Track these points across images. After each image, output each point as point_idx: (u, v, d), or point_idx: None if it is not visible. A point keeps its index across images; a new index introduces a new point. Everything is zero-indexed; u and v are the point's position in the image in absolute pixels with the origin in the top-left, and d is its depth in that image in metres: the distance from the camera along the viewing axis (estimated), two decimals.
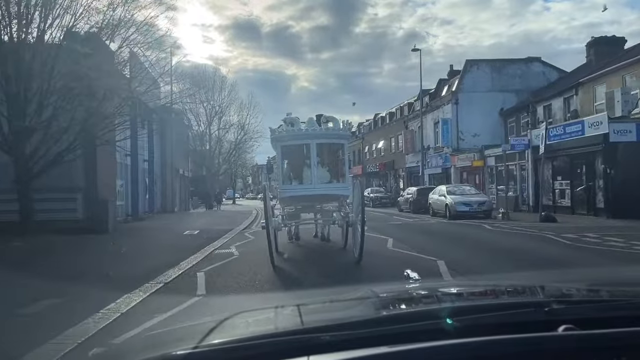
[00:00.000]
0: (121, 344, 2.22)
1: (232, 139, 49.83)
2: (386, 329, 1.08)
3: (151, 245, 12.75)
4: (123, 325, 4.81)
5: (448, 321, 1.09)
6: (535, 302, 1.35)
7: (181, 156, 36.22)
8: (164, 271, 8.17)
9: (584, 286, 1.75)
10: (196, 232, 16.40)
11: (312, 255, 11.03)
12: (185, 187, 38.58)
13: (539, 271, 7.11)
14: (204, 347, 1.07)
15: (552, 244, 11.66)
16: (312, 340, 1.03)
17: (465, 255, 10.26)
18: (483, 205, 20.05)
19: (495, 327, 1.04)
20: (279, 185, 10.59)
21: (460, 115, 31.12)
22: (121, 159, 20.93)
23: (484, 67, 31.82)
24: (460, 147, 31.16)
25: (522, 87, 30.71)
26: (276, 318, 1.45)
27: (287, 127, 10.12)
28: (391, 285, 2.23)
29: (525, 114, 27.47)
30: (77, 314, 5.18)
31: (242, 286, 7.22)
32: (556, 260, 9.06)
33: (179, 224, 20.66)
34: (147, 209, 25.72)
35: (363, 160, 52.84)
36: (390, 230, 15.50)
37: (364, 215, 8.84)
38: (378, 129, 49.43)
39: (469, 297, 1.73)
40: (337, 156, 10.77)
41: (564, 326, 1.01)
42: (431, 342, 0.95)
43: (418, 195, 25.57)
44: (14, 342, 4.50)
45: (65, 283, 6.79)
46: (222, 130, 48.40)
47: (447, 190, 21.34)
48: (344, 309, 1.58)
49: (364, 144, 52.78)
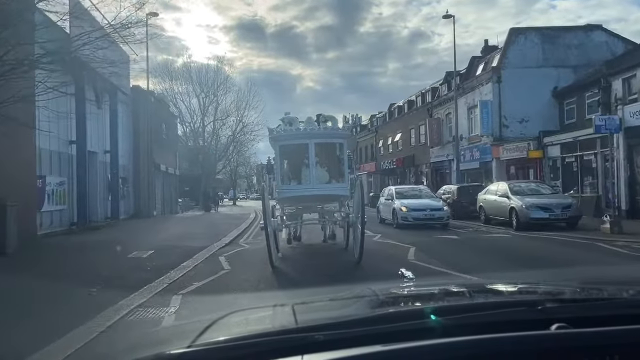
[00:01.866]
0: (116, 343, 2.10)
1: (229, 133, 43.99)
2: (380, 328, 1.08)
3: (34, 291, 6.94)
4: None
5: (442, 320, 1.09)
6: (528, 300, 1.38)
7: (166, 151, 30.51)
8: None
9: (576, 285, 1.75)
10: (147, 254, 10.65)
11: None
12: (172, 187, 32.89)
13: (533, 270, 6.92)
14: (198, 345, 1.06)
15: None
16: (306, 339, 1.02)
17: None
18: (568, 209, 14.11)
19: (489, 326, 1.03)
20: (277, 185, 10.32)
21: (504, 96, 25.16)
22: (58, 147, 15.17)
23: (533, 37, 25.79)
24: (503, 135, 25.23)
25: (581, 61, 24.75)
26: (270, 317, 1.46)
27: (285, 127, 9.95)
28: (386, 284, 2.10)
29: (592, 91, 21.43)
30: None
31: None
32: None
33: (138, 237, 14.90)
34: (109, 214, 19.98)
35: (377, 156, 46.94)
36: (448, 253, 9.76)
37: (363, 215, 8.87)
38: (394, 120, 43.46)
39: (463, 295, 1.70)
40: (336, 156, 10.34)
41: (557, 324, 1.02)
42: (425, 340, 0.96)
43: (459, 196, 19.66)
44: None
45: None
46: (218, 122, 42.61)
47: (511, 189, 15.37)
48: (339, 307, 1.57)
49: (378, 138, 46.86)
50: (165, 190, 30.66)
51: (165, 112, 31.24)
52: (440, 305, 1.42)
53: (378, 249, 11.02)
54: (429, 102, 35.35)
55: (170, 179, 32.04)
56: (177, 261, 9.53)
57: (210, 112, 41.72)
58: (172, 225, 20.02)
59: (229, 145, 44.03)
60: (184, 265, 9.19)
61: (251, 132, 44.21)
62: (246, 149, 53.71)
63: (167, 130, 31.12)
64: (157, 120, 28.38)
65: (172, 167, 31.88)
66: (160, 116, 29.27)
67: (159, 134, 28.74)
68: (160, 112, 29.48)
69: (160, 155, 28.57)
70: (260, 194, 13.16)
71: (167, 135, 31.22)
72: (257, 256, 10.04)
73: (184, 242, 13.19)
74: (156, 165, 27.08)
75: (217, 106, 41.65)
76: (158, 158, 28.04)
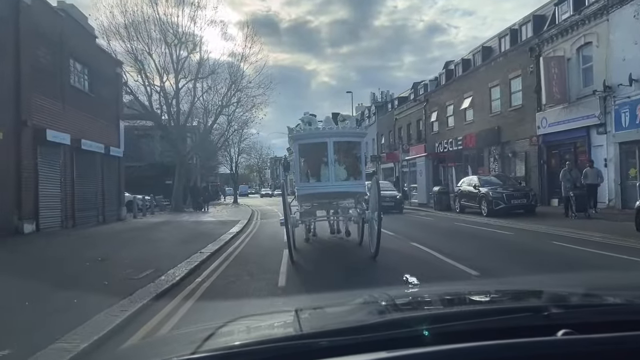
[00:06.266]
0: (120, 350, 2.11)
1: (218, 102, 30.46)
2: (385, 334, 1.06)
3: None
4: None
5: (447, 326, 1.09)
6: (534, 306, 1.36)
7: (87, 113, 17.41)
8: None
9: (583, 290, 1.73)
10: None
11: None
12: (111, 177, 19.72)
13: (538, 275, 6.68)
14: (202, 352, 1.06)
15: None
16: (310, 345, 1.02)
17: None
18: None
19: (495, 332, 1.02)
20: (296, 183, 10.74)
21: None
22: None
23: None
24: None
25: None
26: (274, 324, 1.46)
27: (304, 126, 10.22)
28: (390, 290, 2.16)
29: None
30: None
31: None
32: None
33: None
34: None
35: (427, 134, 33.28)
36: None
37: (380, 212, 8.86)
38: (458, 80, 29.67)
39: (469, 301, 1.68)
40: (353, 154, 10.29)
41: (564, 330, 1.01)
42: (430, 347, 0.95)
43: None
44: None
45: None
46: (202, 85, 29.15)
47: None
48: (343, 314, 1.56)
49: (429, 110, 33.14)
50: (91, 183, 17.52)
51: (87, 45, 18.05)
52: (445, 311, 1.44)
53: None
54: (533, 37, 21.56)
55: (106, 164, 18.92)
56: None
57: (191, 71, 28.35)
58: None
59: (217, 116, 30.50)
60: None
61: (252, 100, 30.81)
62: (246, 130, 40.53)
63: (91, 77, 17.92)
64: (61, 52, 15.24)
65: (106, 144, 18.70)
66: (72, 47, 16.07)
67: (64, 76, 15.53)
68: (74, 41, 16.29)
69: (67, 120, 15.43)
70: (280, 190, 12.02)
71: (94, 86, 18.04)
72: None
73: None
74: (49, 140, 14.00)
75: (193, 48, 27.92)
76: (58, 122, 14.90)
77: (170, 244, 11.34)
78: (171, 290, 6.35)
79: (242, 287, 6.64)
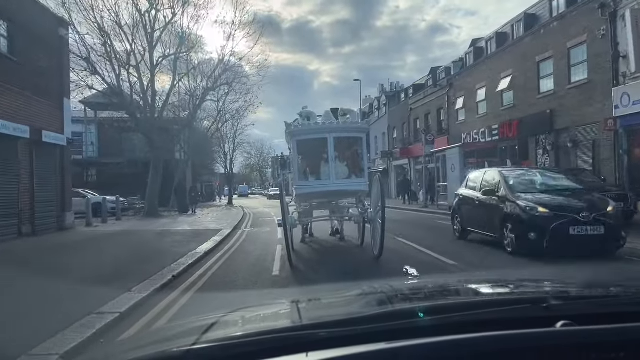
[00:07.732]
0: (120, 340, 2.09)
1: (203, 84, 25.36)
2: (384, 326, 1.05)
3: None
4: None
5: (446, 317, 1.07)
6: (533, 298, 1.33)
7: None
8: None
9: (582, 282, 1.70)
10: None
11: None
12: (50, 171, 14.77)
13: (537, 268, 6.50)
14: (203, 343, 1.04)
15: None
16: (310, 336, 1.01)
17: None
18: None
19: (494, 323, 1.01)
20: (294, 181, 10.17)
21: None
22: None
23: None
24: None
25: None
26: (275, 315, 1.44)
27: (303, 121, 9.85)
28: (390, 282, 1.99)
29: None
30: None
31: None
32: None
33: None
34: None
35: (450, 124, 28.23)
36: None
37: (384, 212, 8.56)
38: (492, 57, 24.59)
39: (469, 293, 1.65)
40: (355, 150, 9.87)
41: (563, 322, 0.99)
42: (430, 338, 0.94)
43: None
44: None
45: None
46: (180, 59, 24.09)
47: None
48: (343, 305, 1.54)
49: (454, 95, 28.06)
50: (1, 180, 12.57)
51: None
52: (444, 303, 1.41)
53: None
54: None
55: (37, 154, 13.98)
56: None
57: (169, 44, 23.34)
58: None
59: (202, 100, 25.39)
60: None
61: (245, 83, 25.74)
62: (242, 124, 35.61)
63: (13, 36, 12.98)
64: None
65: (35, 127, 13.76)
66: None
67: None
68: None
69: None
70: (278, 190, 11.87)
71: (18, 49, 13.09)
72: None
73: None
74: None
75: (182, 36, 23.14)
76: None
77: (52, 293, 6.33)
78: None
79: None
